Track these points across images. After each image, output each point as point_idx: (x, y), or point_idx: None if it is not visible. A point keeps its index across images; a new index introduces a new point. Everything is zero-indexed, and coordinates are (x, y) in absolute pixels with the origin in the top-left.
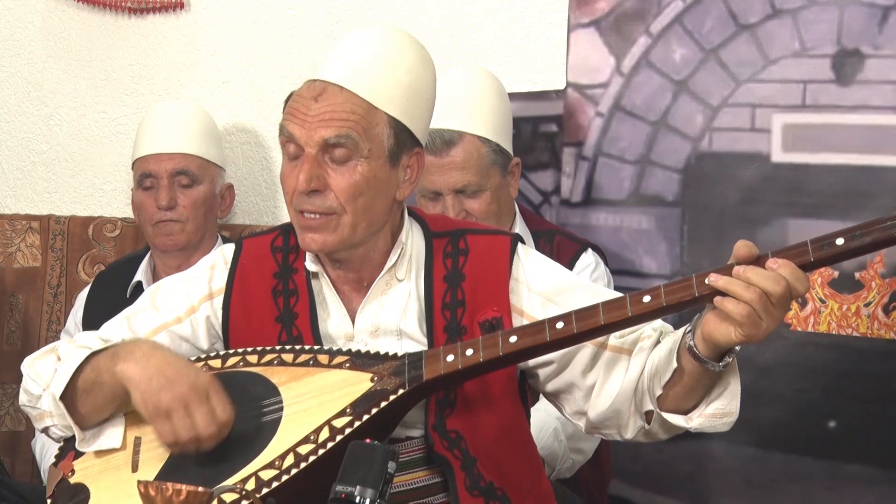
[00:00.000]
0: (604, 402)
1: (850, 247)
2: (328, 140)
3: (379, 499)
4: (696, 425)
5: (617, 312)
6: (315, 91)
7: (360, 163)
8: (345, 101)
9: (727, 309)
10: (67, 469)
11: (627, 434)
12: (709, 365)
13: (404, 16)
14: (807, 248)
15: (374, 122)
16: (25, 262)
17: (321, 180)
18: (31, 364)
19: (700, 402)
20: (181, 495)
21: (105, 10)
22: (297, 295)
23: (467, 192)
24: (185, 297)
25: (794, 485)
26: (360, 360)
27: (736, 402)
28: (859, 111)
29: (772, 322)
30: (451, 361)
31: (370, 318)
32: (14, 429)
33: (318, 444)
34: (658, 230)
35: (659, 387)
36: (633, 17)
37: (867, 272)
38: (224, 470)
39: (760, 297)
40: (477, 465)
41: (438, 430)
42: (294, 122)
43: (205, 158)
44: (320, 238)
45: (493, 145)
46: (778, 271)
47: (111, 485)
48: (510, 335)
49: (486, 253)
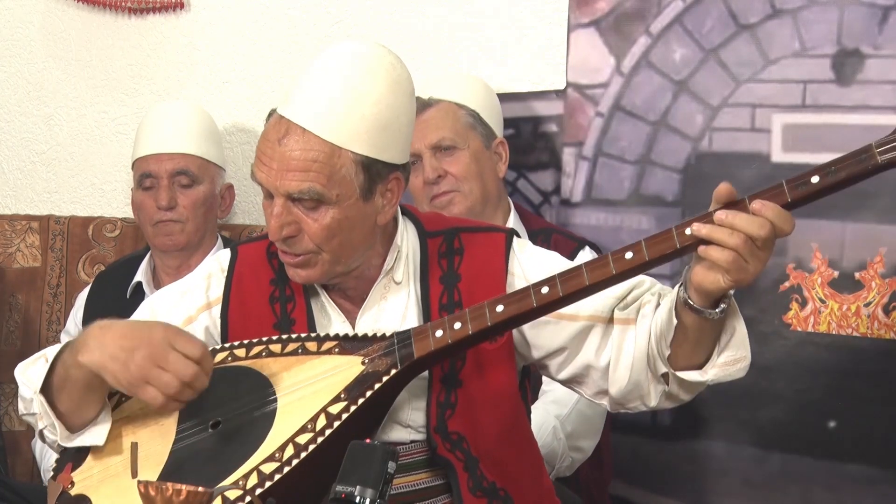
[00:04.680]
0: (622, 377)
1: (826, 183)
2: (292, 194)
3: (379, 499)
4: (711, 377)
5: (601, 271)
6: (279, 132)
7: (329, 208)
8: (307, 147)
9: (713, 257)
10: (67, 481)
11: (652, 402)
12: (706, 314)
13: (404, 16)
14: (783, 188)
15: (338, 165)
16: (25, 262)
17: (293, 226)
18: (24, 370)
19: (711, 353)
20: (181, 495)
21: (105, 10)
22: (293, 301)
23: (443, 148)
24: (183, 308)
25: (794, 485)
26: (349, 344)
27: (745, 346)
28: (859, 111)
29: (759, 264)
30: (440, 337)
31: (370, 322)
32: (14, 429)
33: (316, 432)
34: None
35: (666, 347)
36: (633, 17)
37: (867, 272)
38: (224, 467)
39: (745, 241)
40: (479, 466)
41: (440, 432)
42: (262, 169)
43: (205, 158)
44: (304, 273)
45: (469, 110)
46: (762, 213)
47: (112, 492)
48: (496, 304)
49: (481, 251)
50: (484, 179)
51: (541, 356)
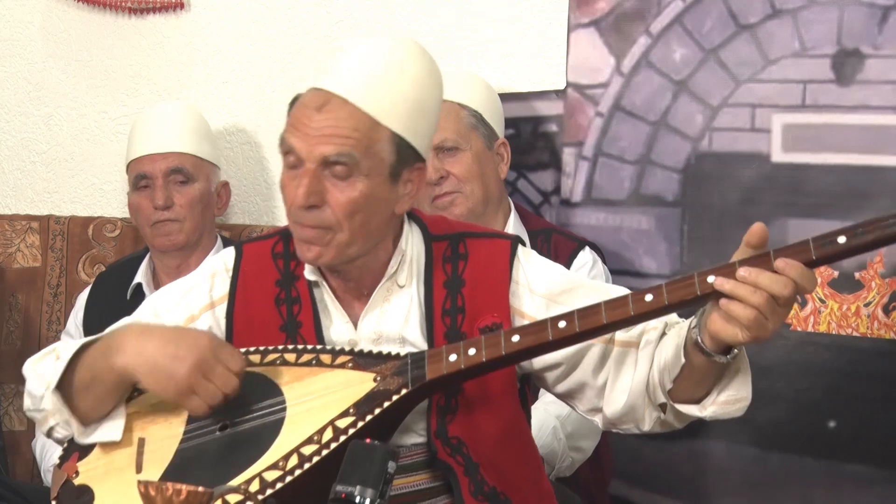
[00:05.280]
0: (619, 399)
1: (853, 245)
2: (328, 157)
3: (379, 499)
4: (710, 413)
5: (619, 311)
6: (318, 101)
7: (359, 180)
8: (348, 115)
9: (734, 312)
10: (72, 470)
11: (645, 427)
12: (717, 358)
13: (404, 16)
14: (808, 246)
15: (376, 139)
16: (25, 263)
17: (320, 196)
18: (33, 366)
19: (711, 389)
20: (181, 495)
21: (105, 10)
22: (299, 303)
23: (445, 149)
24: (185, 307)
25: (794, 485)
26: (362, 360)
27: (748, 386)
28: (859, 111)
29: (778, 321)
30: (453, 361)
31: (372, 325)
32: (14, 429)
33: (321, 444)
34: (658, 230)
35: (669, 381)
36: (633, 17)
37: (867, 272)
38: (228, 471)
39: (768, 300)
40: (480, 471)
41: (440, 436)
42: (295, 135)
43: (198, 156)
44: (316, 250)
45: (472, 111)
46: (786, 273)
47: (115, 486)
48: (512, 334)
49: (485, 258)
50: (486, 181)
51: (538, 368)
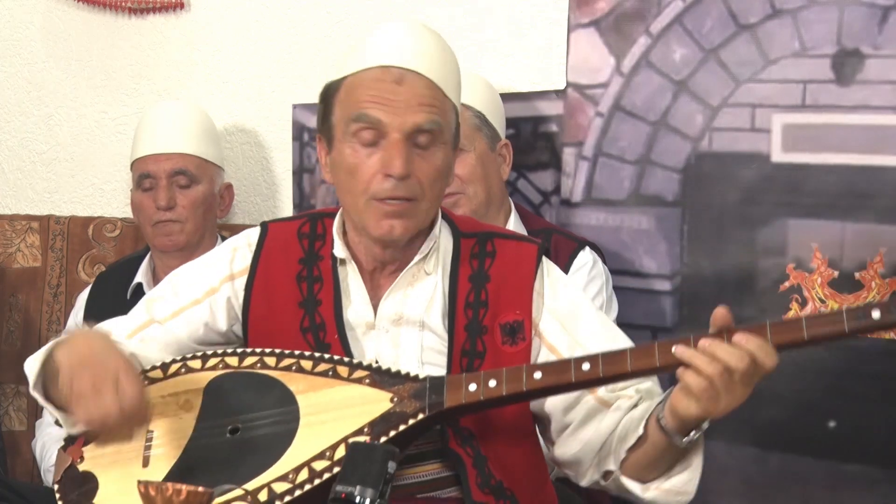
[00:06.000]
0: (572, 447)
1: (811, 335)
2: (421, 126)
3: (379, 499)
4: (650, 497)
5: (645, 360)
6: (393, 76)
7: (439, 149)
8: (429, 86)
9: (686, 381)
10: (77, 454)
11: (582, 482)
12: (673, 438)
13: (404, 16)
14: (765, 327)
15: (446, 109)
16: (25, 262)
17: (412, 164)
18: (27, 365)
19: (661, 475)
20: (181, 495)
21: (105, 10)
22: (321, 282)
23: None
24: (205, 279)
25: (794, 485)
26: (379, 378)
27: (694, 482)
28: (859, 111)
29: (732, 399)
30: (473, 391)
31: (394, 305)
32: (14, 429)
33: (333, 461)
34: (658, 230)
35: (623, 450)
36: (633, 17)
37: (867, 272)
38: (236, 475)
39: (722, 373)
40: (488, 464)
41: (452, 424)
42: (378, 108)
43: (203, 158)
44: (403, 223)
45: (475, 111)
46: (745, 346)
47: (120, 478)
48: (535, 370)
49: (513, 258)
50: (489, 182)
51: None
